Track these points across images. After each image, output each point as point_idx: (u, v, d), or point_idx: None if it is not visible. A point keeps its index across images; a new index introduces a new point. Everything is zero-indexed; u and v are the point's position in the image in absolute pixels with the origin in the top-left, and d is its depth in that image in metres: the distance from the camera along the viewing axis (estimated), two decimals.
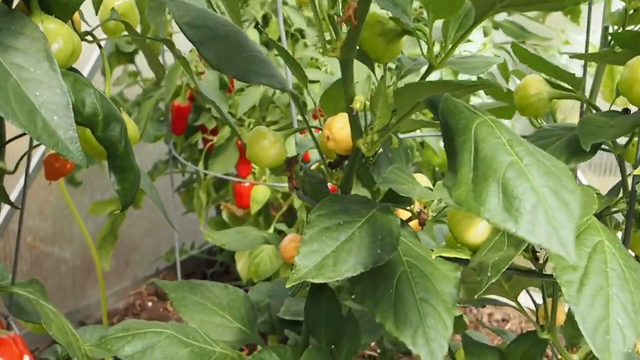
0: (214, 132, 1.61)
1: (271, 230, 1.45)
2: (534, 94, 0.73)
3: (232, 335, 0.88)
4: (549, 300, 0.89)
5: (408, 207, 0.68)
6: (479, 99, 1.56)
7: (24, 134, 0.86)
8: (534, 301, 0.97)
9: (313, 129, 0.72)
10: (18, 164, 0.89)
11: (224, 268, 2.21)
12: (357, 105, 0.58)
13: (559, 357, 0.86)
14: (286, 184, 1.51)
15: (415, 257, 0.62)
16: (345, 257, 0.57)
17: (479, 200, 0.41)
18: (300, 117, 1.46)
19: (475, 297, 0.57)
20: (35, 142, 1.01)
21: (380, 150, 0.71)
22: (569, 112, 2.03)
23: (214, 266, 2.21)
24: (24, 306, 1.07)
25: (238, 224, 1.66)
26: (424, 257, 0.63)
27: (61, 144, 0.56)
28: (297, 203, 1.58)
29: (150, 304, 2.07)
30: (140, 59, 1.91)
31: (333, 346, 0.81)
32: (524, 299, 0.97)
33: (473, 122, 0.44)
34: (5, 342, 0.77)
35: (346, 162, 0.71)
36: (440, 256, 0.64)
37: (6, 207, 0.85)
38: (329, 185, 0.75)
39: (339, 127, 0.64)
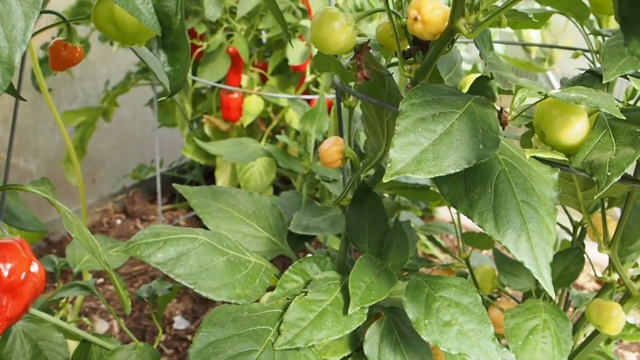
0: (202, 37, 1.50)
1: (263, 144, 1.37)
2: None
3: (261, 246, 0.81)
4: (594, 217, 0.85)
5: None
6: None
7: None
8: (571, 220, 0.93)
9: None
10: None
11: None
12: None
13: (605, 275, 0.83)
14: (283, 96, 1.43)
15: (511, 156, 0.56)
16: (445, 151, 0.51)
17: None
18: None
19: (595, 197, 0.51)
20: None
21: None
22: (559, 35, 1.99)
23: (183, 184, 2.12)
24: (15, 212, 0.98)
25: (221, 139, 1.57)
26: (519, 157, 0.57)
27: (131, 4, 0.47)
28: (288, 118, 1.50)
29: (118, 221, 1.97)
30: None
31: (377, 259, 0.75)
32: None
33: None
34: (13, 247, 0.68)
35: (415, 55, 0.64)
36: (533, 157, 0.58)
37: None
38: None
39: (430, 8, 0.56)
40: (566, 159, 0.57)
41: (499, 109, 0.63)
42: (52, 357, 0.79)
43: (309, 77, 1.46)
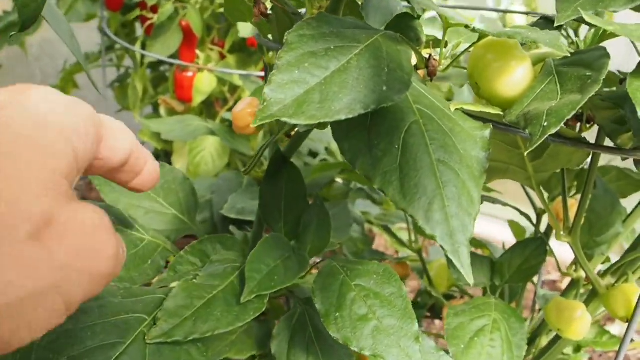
0: (155, 9, 1.39)
1: (211, 123, 1.25)
2: None
3: (165, 224, 0.69)
4: (553, 201, 0.74)
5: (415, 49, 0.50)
6: None
7: None
8: (534, 207, 0.82)
9: None
10: None
11: None
12: None
13: (571, 270, 0.72)
14: (235, 72, 1.31)
15: (430, 106, 0.45)
16: (337, 92, 0.39)
17: None
18: None
19: (526, 153, 0.39)
20: None
21: None
22: None
23: None
24: None
25: None
26: (441, 108, 0.45)
27: None
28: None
29: None
30: None
31: (293, 241, 0.64)
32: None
33: None
34: None
35: None
36: (461, 111, 0.46)
37: None
38: None
39: None
40: (501, 113, 0.46)
41: (427, 56, 0.51)
42: None
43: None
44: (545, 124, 0.39)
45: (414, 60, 0.51)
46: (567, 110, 0.38)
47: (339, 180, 1.08)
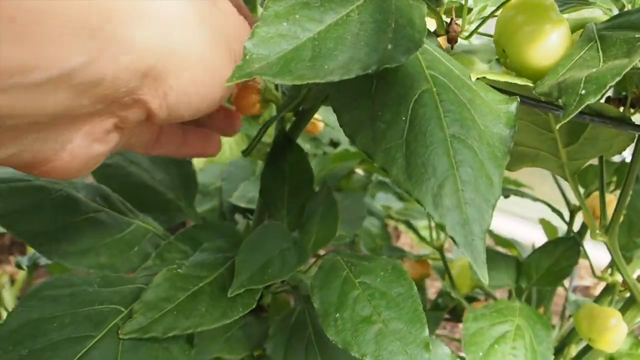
0: None
1: None
2: None
3: (159, 207, 0.64)
4: (586, 197, 0.66)
5: (434, 8, 0.43)
6: None
7: None
8: (568, 203, 0.74)
9: None
10: None
11: None
12: None
13: (606, 274, 0.64)
14: None
15: (446, 74, 0.38)
16: (332, 48, 0.32)
17: None
18: None
19: (557, 126, 0.32)
20: None
21: None
22: None
23: None
24: None
25: None
26: (459, 76, 0.38)
27: None
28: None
29: None
30: None
31: (296, 232, 0.58)
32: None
33: None
34: None
35: None
36: (484, 81, 0.40)
37: None
38: None
39: None
40: (531, 85, 0.39)
41: (448, 20, 0.45)
42: None
43: None
44: (583, 92, 0.32)
45: (433, 26, 0.45)
46: (611, 76, 0.32)
47: (359, 171, 1.01)
